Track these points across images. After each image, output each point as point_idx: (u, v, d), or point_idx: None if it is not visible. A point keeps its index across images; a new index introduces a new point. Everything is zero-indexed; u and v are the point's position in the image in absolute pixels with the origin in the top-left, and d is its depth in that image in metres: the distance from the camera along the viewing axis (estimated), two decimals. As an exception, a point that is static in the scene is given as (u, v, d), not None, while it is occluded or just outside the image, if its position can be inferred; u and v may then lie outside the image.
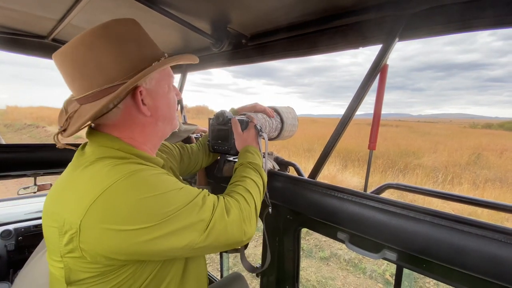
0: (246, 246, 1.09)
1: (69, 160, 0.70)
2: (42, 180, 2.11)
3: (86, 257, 0.56)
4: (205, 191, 0.70)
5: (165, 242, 0.57)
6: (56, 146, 0.66)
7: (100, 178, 0.57)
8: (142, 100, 0.67)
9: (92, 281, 0.59)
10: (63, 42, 1.48)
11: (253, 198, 0.79)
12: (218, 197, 0.71)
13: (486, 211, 4.65)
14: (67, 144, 0.67)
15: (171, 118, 0.77)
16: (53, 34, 1.33)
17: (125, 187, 0.56)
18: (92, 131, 0.69)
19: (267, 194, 0.98)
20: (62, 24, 1.18)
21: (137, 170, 0.59)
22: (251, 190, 0.80)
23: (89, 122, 0.67)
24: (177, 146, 1.09)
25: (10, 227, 1.87)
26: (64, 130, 0.65)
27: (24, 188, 2.18)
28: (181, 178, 0.99)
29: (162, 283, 0.68)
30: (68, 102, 0.70)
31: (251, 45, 1.25)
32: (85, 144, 0.70)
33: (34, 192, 2.18)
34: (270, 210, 1.01)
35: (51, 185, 2.24)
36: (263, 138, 1.02)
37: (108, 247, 0.55)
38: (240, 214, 0.71)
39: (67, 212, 0.57)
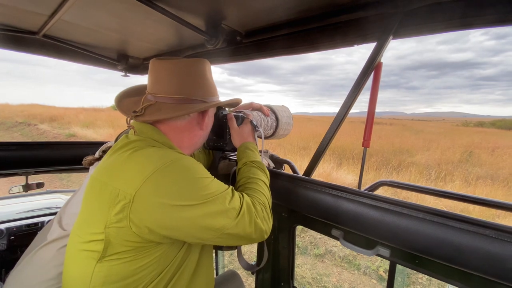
0: None
1: (61, 159, 0.70)
2: (33, 178, 2.08)
3: (132, 227, 0.63)
4: (231, 186, 0.78)
5: (204, 221, 0.66)
6: (127, 127, 0.80)
7: (156, 158, 0.67)
8: (206, 118, 0.86)
9: (126, 256, 0.66)
10: (54, 38, 1.45)
11: (267, 199, 0.85)
12: (242, 194, 0.79)
13: (477, 207, 4.73)
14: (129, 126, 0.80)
15: (208, 135, 0.95)
16: (44, 30, 1.30)
17: (176, 168, 0.66)
18: (144, 124, 0.80)
19: None
20: (53, 20, 1.16)
21: (184, 157, 0.72)
22: (264, 191, 0.86)
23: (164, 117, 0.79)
24: None
25: (2, 226, 1.84)
26: (138, 116, 0.79)
27: (16, 187, 2.14)
28: None
29: (178, 270, 0.76)
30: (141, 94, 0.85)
31: (246, 42, 1.25)
32: (125, 131, 0.85)
33: (26, 191, 2.15)
34: None
35: (43, 184, 2.21)
36: (259, 134, 1.03)
37: (155, 219, 0.63)
38: (260, 212, 0.79)
39: (122, 183, 0.65)
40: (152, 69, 0.82)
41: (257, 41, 1.22)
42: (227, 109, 1.08)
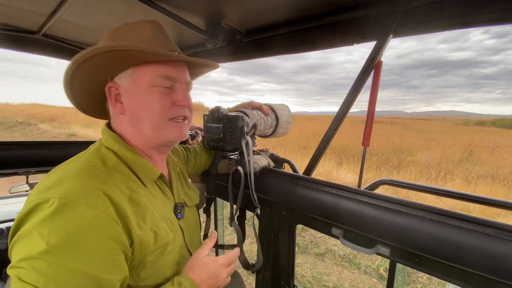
0: (243, 240, 1.09)
1: (61, 158, 0.70)
2: (34, 178, 2.08)
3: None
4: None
5: None
6: None
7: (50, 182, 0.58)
8: (114, 96, 0.70)
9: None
10: (54, 38, 1.45)
11: None
12: None
13: (477, 206, 4.74)
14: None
15: (155, 126, 0.70)
16: (44, 29, 1.30)
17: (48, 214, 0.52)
18: (105, 128, 0.73)
19: (255, 195, 0.99)
20: (53, 19, 1.16)
21: (78, 203, 0.54)
22: None
23: None
24: (182, 149, 1.10)
25: (2, 226, 1.84)
26: None
27: (16, 186, 2.15)
28: (189, 180, 1.00)
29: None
30: None
31: (246, 41, 1.25)
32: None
33: (26, 191, 2.15)
34: (258, 211, 1.01)
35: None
36: (247, 141, 0.98)
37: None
38: None
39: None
40: None
41: (257, 40, 1.22)
42: (226, 110, 1.08)
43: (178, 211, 0.81)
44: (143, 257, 0.64)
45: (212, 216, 1.71)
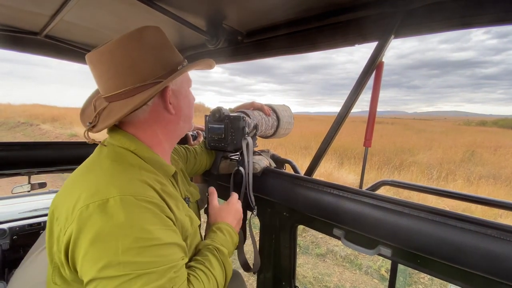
0: (244, 241, 1.09)
1: (63, 159, 0.70)
2: (36, 178, 2.09)
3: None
4: (182, 262, 0.62)
5: None
6: (87, 142, 0.68)
7: (90, 188, 0.58)
8: (169, 99, 0.72)
9: None
10: (56, 39, 1.46)
11: None
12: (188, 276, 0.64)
13: (479, 207, 4.72)
14: (94, 140, 0.68)
15: (191, 117, 0.83)
16: (46, 30, 1.31)
17: (107, 211, 0.55)
18: (114, 128, 0.72)
19: (252, 196, 0.99)
20: (55, 20, 1.16)
21: (127, 194, 0.57)
22: None
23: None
24: (183, 148, 1.10)
25: (5, 226, 1.85)
26: (93, 126, 0.68)
27: (18, 187, 2.16)
28: (189, 179, 1.01)
29: None
30: (96, 99, 0.73)
31: (247, 42, 1.25)
32: (105, 140, 0.74)
33: (28, 191, 2.16)
34: (255, 213, 1.01)
35: (45, 183, 2.21)
36: (247, 142, 1.00)
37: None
38: None
39: (63, 211, 0.58)
40: (90, 66, 0.68)
41: (258, 40, 1.22)
42: (228, 110, 1.08)
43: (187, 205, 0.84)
44: (184, 240, 0.68)
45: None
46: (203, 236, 0.87)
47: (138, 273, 0.52)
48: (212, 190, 0.95)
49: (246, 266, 1.01)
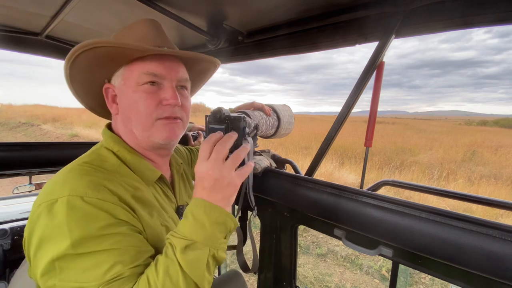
0: (244, 242, 1.09)
1: (64, 159, 0.70)
2: (37, 179, 2.09)
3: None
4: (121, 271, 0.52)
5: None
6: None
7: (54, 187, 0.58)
8: (111, 98, 0.71)
9: None
10: (57, 39, 1.46)
11: None
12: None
13: (480, 207, 4.71)
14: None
15: (135, 123, 0.67)
16: (46, 31, 1.31)
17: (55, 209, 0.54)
18: (105, 128, 0.74)
19: (252, 196, 0.98)
20: (55, 21, 1.17)
21: (75, 195, 0.54)
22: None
23: None
24: (186, 150, 1.09)
25: (6, 226, 1.85)
26: None
27: (19, 187, 2.16)
28: (193, 182, 0.99)
29: None
30: None
31: (248, 42, 1.25)
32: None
33: (29, 191, 2.16)
34: (254, 213, 1.01)
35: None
36: (248, 142, 0.99)
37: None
38: None
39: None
40: None
41: (259, 41, 1.22)
42: (228, 111, 1.08)
43: (181, 213, 0.81)
44: (157, 250, 0.60)
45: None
46: None
47: (72, 285, 0.50)
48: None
49: (244, 267, 1.01)
